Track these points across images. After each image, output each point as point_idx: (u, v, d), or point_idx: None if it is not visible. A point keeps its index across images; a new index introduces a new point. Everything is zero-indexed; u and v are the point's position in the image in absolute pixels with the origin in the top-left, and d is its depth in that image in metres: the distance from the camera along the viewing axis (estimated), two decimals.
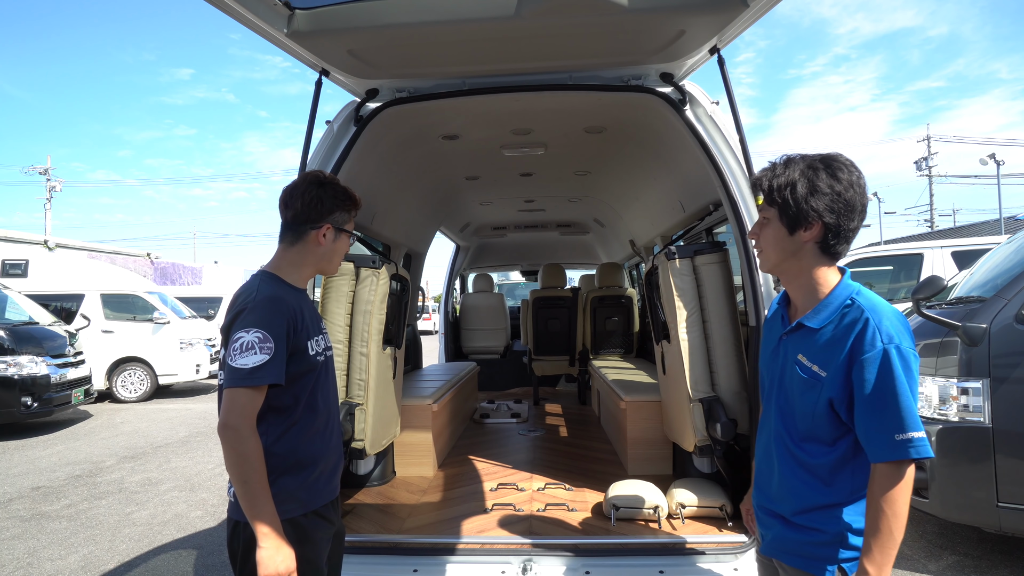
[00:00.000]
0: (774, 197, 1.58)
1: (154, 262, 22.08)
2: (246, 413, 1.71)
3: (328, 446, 1.94)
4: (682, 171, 3.81)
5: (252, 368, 1.69)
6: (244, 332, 1.72)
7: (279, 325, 1.77)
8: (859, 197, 1.54)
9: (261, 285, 1.84)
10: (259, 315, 1.75)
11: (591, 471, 4.02)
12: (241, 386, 1.70)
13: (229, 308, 1.83)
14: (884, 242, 22.31)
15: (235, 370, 1.70)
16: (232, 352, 1.71)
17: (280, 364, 1.75)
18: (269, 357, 1.71)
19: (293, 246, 1.92)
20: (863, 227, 1.62)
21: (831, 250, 1.57)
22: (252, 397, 1.72)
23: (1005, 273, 4.03)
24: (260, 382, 1.71)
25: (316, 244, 1.92)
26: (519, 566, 2.57)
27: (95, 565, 4.31)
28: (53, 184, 32.82)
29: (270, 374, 1.72)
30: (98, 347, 11.78)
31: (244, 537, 1.78)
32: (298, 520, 1.82)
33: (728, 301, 3.18)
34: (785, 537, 1.65)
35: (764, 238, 1.63)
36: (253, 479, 1.70)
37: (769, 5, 2.27)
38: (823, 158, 1.57)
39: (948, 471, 3.73)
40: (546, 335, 7.23)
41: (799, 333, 1.62)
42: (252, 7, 2.23)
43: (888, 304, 1.53)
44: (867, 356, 1.45)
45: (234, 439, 1.69)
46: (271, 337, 1.73)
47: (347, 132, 3.05)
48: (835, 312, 1.54)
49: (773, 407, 1.71)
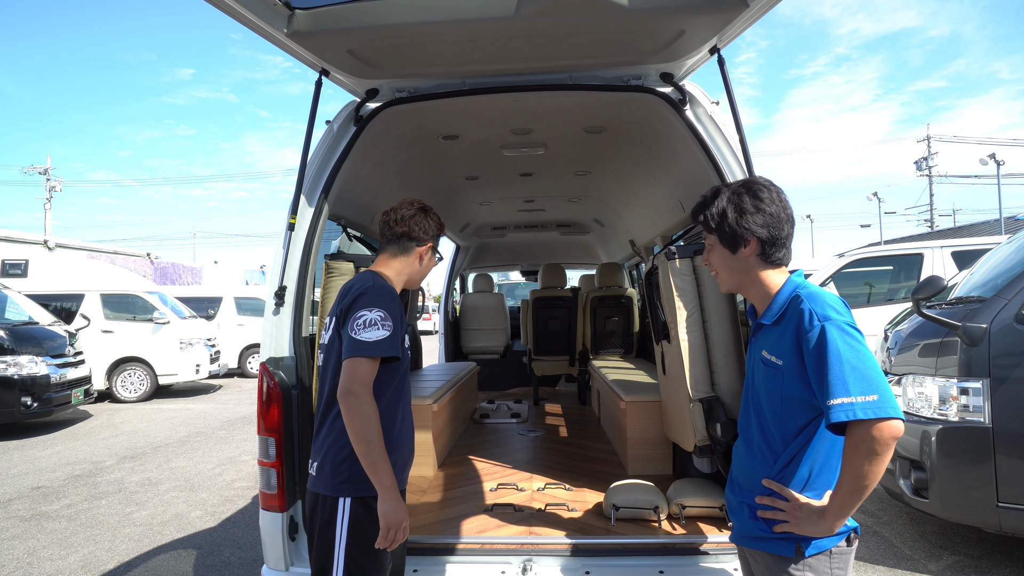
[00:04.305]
0: (711, 225, 1.80)
1: (154, 262, 22.08)
2: (367, 381, 1.91)
3: (409, 433, 2.18)
4: (682, 171, 3.81)
5: (375, 341, 1.92)
6: (367, 311, 1.95)
7: (396, 309, 2.01)
8: (782, 209, 1.75)
9: (378, 279, 2.10)
10: (380, 298, 1.99)
11: (591, 471, 4.02)
12: (363, 356, 1.91)
13: (344, 295, 2.06)
14: (884, 242, 22.32)
15: (358, 342, 1.92)
16: (355, 327, 1.94)
17: (397, 341, 1.98)
18: (389, 333, 1.95)
19: (396, 256, 2.22)
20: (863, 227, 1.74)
21: (772, 258, 1.76)
22: (371, 367, 1.93)
23: (1005, 273, 4.03)
24: (380, 353, 1.92)
25: (418, 259, 2.24)
26: (519, 566, 2.57)
27: (95, 565, 4.31)
28: (53, 184, 32.82)
29: (389, 348, 1.94)
30: (98, 347, 11.77)
31: (323, 511, 1.99)
32: (372, 501, 1.97)
33: (728, 301, 3.18)
34: (748, 523, 1.78)
35: (715, 262, 1.85)
36: (375, 439, 1.89)
37: (769, 5, 2.27)
38: (744, 183, 1.80)
39: (948, 471, 3.73)
40: (546, 335, 7.23)
41: (760, 333, 1.81)
42: (252, 7, 2.23)
43: (828, 292, 1.70)
44: (808, 335, 1.60)
45: (357, 403, 1.88)
46: (391, 316, 1.97)
47: (347, 132, 3.05)
48: (782, 306, 1.73)
49: (750, 405, 1.85)
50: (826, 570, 1.66)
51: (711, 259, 1.86)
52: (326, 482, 2.01)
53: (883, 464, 1.51)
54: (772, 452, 1.73)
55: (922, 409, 3.93)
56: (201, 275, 23.76)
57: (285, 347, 2.70)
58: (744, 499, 1.81)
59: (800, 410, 1.67)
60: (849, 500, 1.56)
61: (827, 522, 1.59)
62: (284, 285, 2.73)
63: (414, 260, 2.24)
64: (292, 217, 2.77)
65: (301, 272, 2.76)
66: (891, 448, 1.49)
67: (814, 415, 1.66)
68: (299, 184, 2.80)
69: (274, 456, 2.51)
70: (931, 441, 3.76)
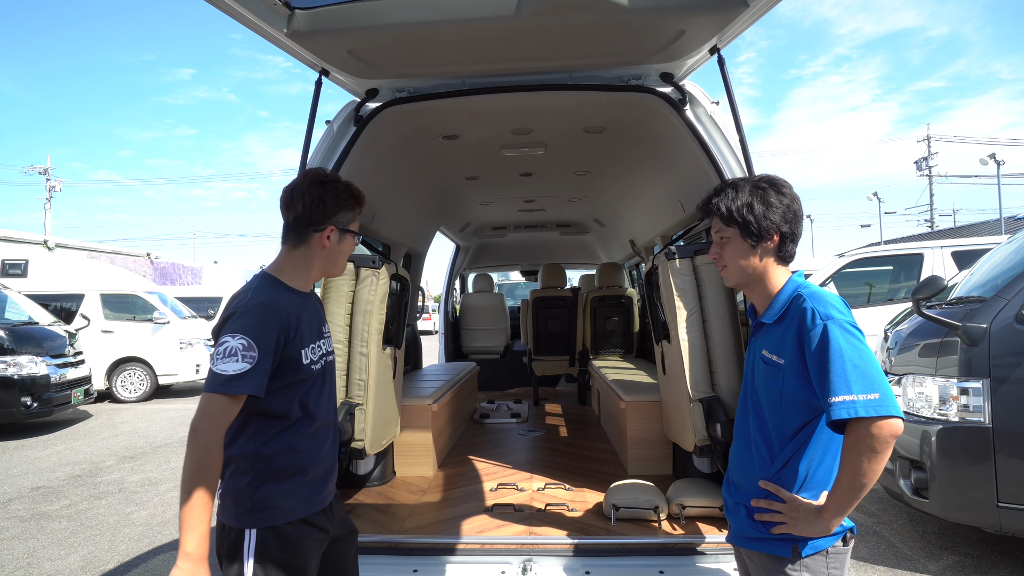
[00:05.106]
0: (734, 217, 1.76)
1: (154, 262, 22.08)
2: (217, 421, 1.64)
3: (320, 453, 1.88)
4: (682, 171, 3.81)
5: (231, 376, 1.63)
6: (230, 337, 1.66)
7: (268, 333, 1.70)
8: (799, 206, 1.77)
9: (258, 289, 1.79)
10: (248, 321, 1.69)
11: (591, 471, 4.02)
12: (218, 392, 1.63)
13: (223, 310, 1.77)
14: (884, 242, 22.32)
15: (215, 375, 1.65)
16: (215, 356, 1.66)
17: (262, 375, 1.68)
18: (251, 366, 1.65)
19: (296, 248, 1.86)
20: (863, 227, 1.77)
21: (786, 255, 1.78)
22: (227, 405, 1.65)
23: (1005, 273, 4.03)
24: (237, 391, 1.64)
25: (320, 247, 1.86)
26: (519, 566, 2.57)
27: (95, 565, 4.31)
28: (53, 184, 32.83)
29: (248, 384, 1.65)
30: (98, 347, 11.78)
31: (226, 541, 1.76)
32: (283, 528, 1.76)
33: (728, 301, 3.18)
34: (745, 524, 1.78)
35: (729, 255, 1.80)
36: (201, 491, 1.61)
37: (769, 5, 2.27)
38: (763, 178, 1.80)
39: (948, 471, 3.73)
40: (546, 335, 7.23)
41: (760, 332, 1.81)
42: (252, 7, 2.23)
43: (829, 292, 1.71)
44: (810, 334, 1.60)
45: (198, 445, 1.62)
46: (256, 346, 1.66)
47: (347, 132, 3.05)
48: (784, 305, 1.73)
49: (748, 405, 1.84)
50: (823, 570, 1.66)
51: (724, 252, 1.81)
52: (228, 511, 1.77)
53: (882, 462, 1.51)
54: (769, 452, 1.74)
55: (922, 409, 3.93)
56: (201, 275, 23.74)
57: None
58: (741, 500, 1.81)
59: (799, 410, 1.68)
60: (847, 499, 1.56)
61: (824, 521, 1.60)
62: None
63: (316, 248, 1.86)
64: None
65: None
66: (890, 446, 1.50)
67: (812, 415, 1.67)
68: None
69: None
70: (931, 441, 3.76)
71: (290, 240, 1.87)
